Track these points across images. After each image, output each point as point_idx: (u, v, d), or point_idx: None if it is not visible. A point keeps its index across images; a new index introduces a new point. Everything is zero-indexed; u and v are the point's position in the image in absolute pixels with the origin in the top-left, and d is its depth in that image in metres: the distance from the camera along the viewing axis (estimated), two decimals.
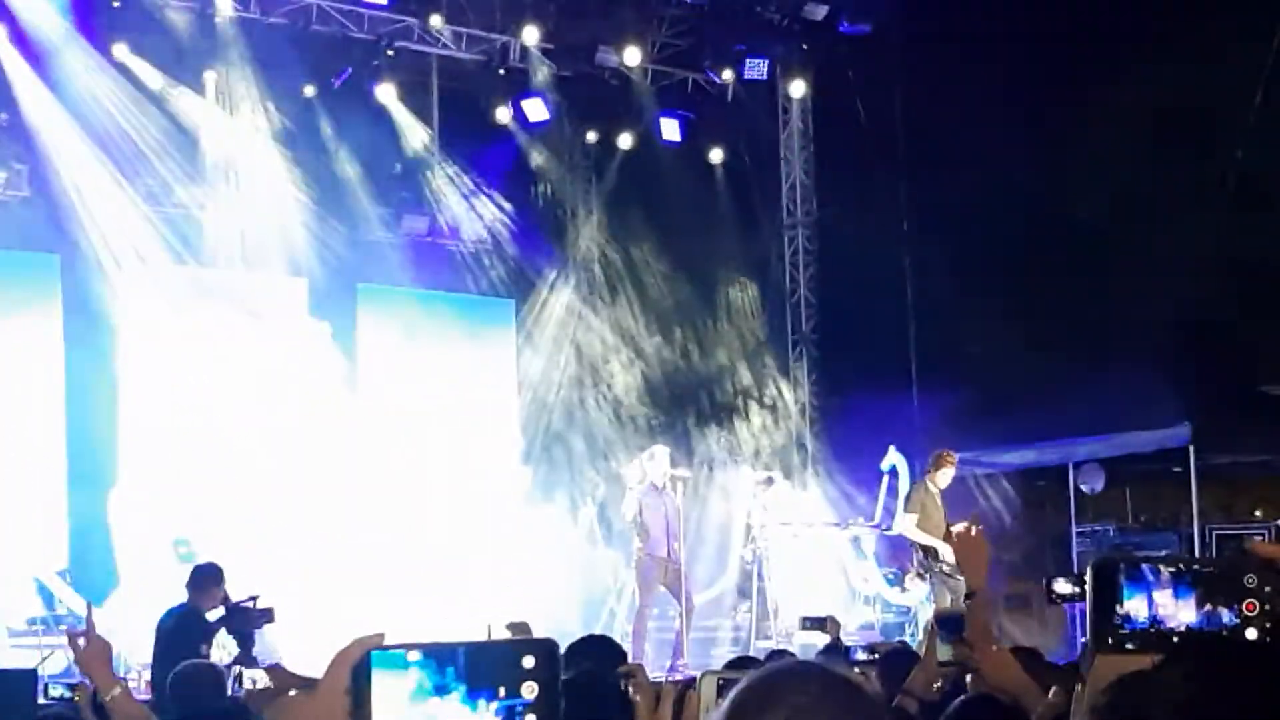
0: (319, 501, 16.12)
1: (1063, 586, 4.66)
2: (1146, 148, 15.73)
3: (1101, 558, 2.28)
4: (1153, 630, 2.19)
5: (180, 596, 10.69)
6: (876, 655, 8.36)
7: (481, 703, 1.88)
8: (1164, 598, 2.21)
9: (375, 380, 17.31)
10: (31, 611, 14.06)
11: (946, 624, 4.45)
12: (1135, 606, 2.20)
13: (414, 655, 1.88)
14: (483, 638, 7.00)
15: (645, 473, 14.23)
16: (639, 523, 14.21)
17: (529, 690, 1.88)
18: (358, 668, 1.88)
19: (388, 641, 1.89)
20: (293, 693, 5.30)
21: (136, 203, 16.04)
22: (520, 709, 1.88)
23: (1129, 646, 2.18)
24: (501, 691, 1.88)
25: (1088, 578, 2.24)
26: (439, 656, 1.88)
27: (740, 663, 8.04)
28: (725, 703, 2.09)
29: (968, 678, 4.44)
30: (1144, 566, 2.22)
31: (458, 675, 1.88)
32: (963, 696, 4.22)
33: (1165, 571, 2.21)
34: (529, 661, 1.89)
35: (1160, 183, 15.78)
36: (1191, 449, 15.68)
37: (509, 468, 18.15)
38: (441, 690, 1.87)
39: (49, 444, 15.30)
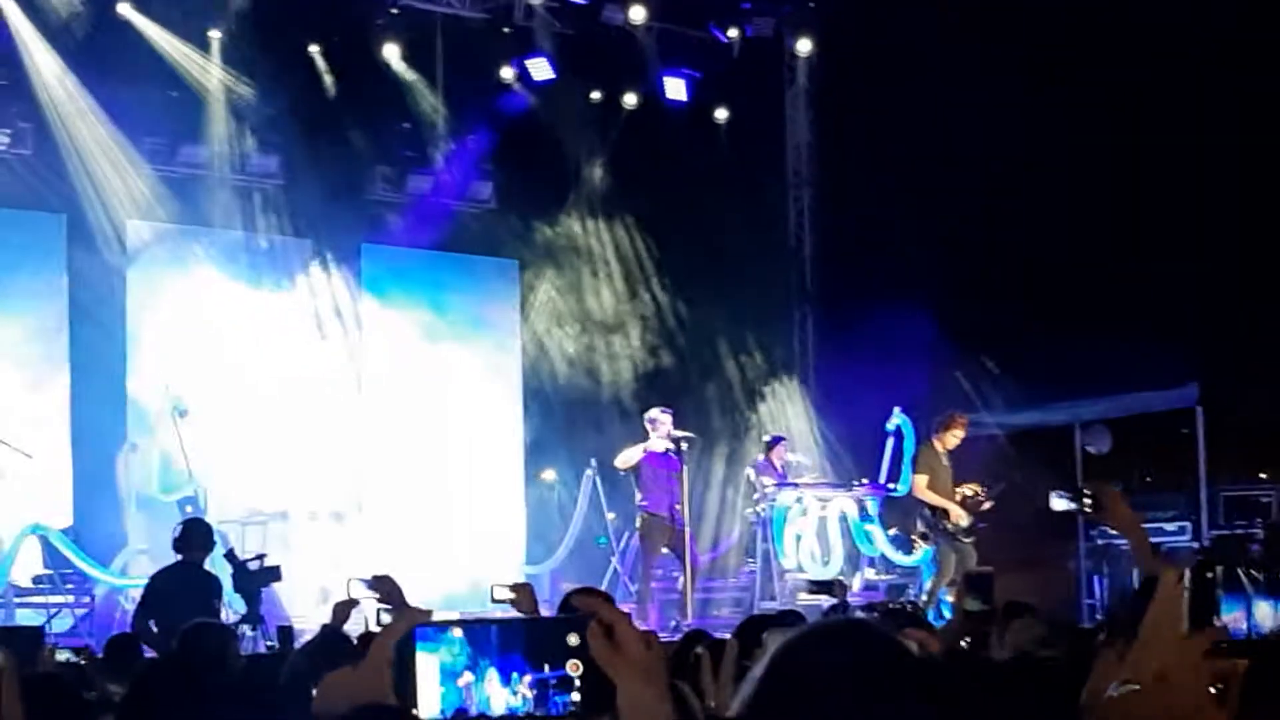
0: (322, 461, 16.15)
1: (1058, 503, 4.69)
2: (1157, 103, 15.64)
3: (1198, 562, 2.23)
4: (1250, 639, 2.15)
5: None
6: (875, 614, 8.40)
7: (527, 678, 1.87)
8: (1263, 609, 2.16)
9: (379, 340, 17.30)
10: (37, 570, 14.09)
11: (976, 582, 4.62)
12: (1234, 619, 2.15)
13: (457, 632, 1.87)
14: (495, 601, 7.04)
15: (651, 432, 14.25)
16: (639, 481, 14.22)
17: (574, 667, 1.88)
18: (402, 643, 1.87)
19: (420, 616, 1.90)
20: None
21: (141, 162, 16.00)
22: (565, 684, 1.87)
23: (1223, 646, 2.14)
24: (546, 668, 1.87)
25: (1186, 582, 2.17)
26: (483, 633, 1.88)
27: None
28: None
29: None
30: (1241, 574, 2.17)
31: (501, 651, 1.87)
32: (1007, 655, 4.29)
33: (1263, 580, 2.17)
34: (574, 639, 1.88)
35: (1168, 139, 15.68)
36: (1199, 409, 15.65)
37: (511, 427, 18.15)
38: (485, 666, 1.87)
39: (54, 403, 15.30)
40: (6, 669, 2.15)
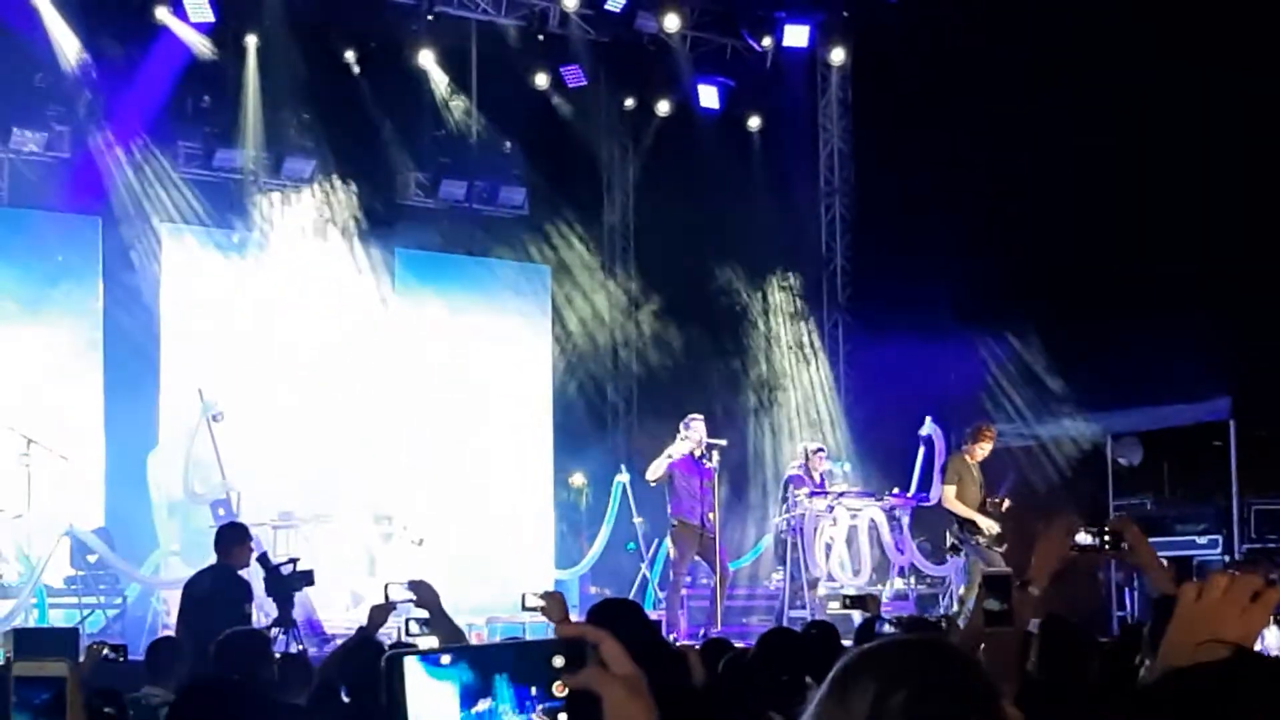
0: (353, 466, 16.17)
1: (1083, 537, 4.71)
2: (1189, 113, 15.57)
3: None
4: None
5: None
6: (901, 628, 8.42)
7: (510, 703, 1.89)
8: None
9: (412, 345, 17.34)
10: (69, 571, 14.16)
11: (994, 582, 4.63)
12: None
13: (446, 659, 1.90)
14: (521, 608, 7.06)
15: (682, 440, 14.26)
16: (671, 489, 14.24)
17: (559, 689, 1.89)
18: (391, 670, 1.90)
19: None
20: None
21: (176, 166, 16.09)
22: (553, 709, 1.89)
23: None
24: (533, 690, 1.89)
25: None
26: (470, 658, 1.90)
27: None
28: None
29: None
30: None
31: (488, 675, 1.89)
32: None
33: None
34: (559, 661, 1.90)
35: (1202, 149, 15.60)
36: (1232, 422, 15.58)
37: (542, 432, 18.17)
38: (474, 690, 1.89)
39: (87, 405, 15.38)
40: (71, 677, 2.17)
